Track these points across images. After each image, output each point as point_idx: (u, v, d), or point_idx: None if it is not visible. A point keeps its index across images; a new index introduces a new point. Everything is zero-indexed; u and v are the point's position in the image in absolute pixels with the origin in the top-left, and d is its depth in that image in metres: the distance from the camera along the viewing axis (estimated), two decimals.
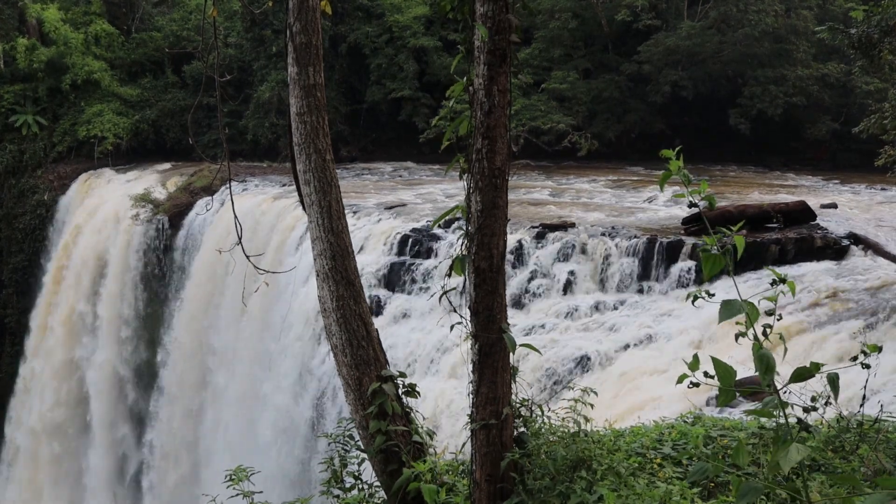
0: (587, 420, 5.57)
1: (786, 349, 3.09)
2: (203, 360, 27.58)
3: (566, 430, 5.41)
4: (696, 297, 3.21)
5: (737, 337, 3.01)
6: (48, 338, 34.20)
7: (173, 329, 30.00)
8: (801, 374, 2.82)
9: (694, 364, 3.07)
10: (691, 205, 3.25)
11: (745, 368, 4.39)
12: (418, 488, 5.53)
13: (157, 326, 31.43)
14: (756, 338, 2.89)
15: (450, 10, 5.11)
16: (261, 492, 5.98)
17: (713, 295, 3.18)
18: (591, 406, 5.60)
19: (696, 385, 3.12)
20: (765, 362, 2.78)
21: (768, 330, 3.07)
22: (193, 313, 28.55)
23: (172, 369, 29.57)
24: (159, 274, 32.01)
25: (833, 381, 2.97)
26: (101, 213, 33.96)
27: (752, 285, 15.24)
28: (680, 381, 3.16)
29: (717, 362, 2.85)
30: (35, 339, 35.26)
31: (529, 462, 5.21)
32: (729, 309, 2.86)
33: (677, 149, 3.36)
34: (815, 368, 2.79)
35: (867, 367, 4.04)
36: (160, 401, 30.10)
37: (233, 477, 5.89)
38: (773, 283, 3.22)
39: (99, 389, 32.29)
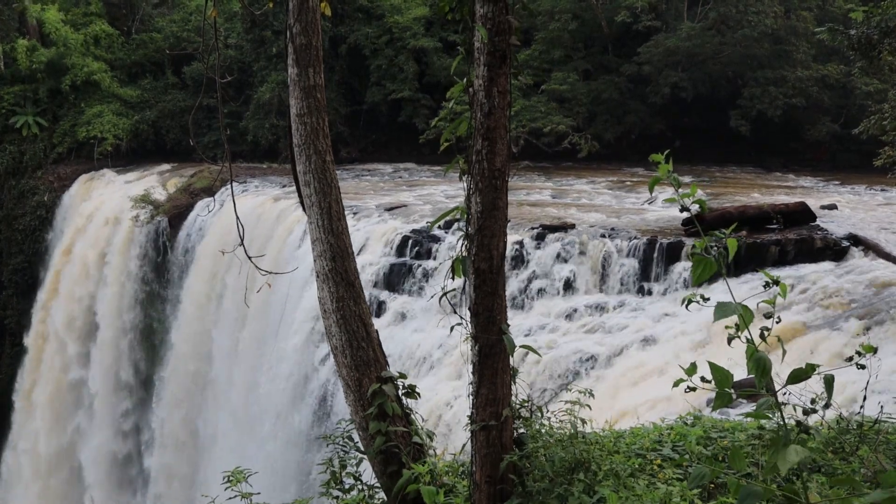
0: (584, 422, 5.56)
1: (784, 351, 3.08)
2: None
3: (564, 432, 5.41)
4: (689, 301, 3.19)
5: (729, 340, 3.00)
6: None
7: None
8: (798, 376, 2.82)
9: (691, 370, 3.06)
10: (683, 209, 3.24)
11: (744, 370, 4.38)
12: (418, 489, 5.53)
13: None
14: (750, 340, 2.88)
15: (448, 10, 5.11)
16: (258, 493, 5.98)
17: (708, 299, 3.17)
18: (589, 407, 5.60)
19: (693, 389, 3.11)
20: (760, 365, 2.78)
21: (766, 332, 3.06)
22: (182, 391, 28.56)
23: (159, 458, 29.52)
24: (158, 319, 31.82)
25: (828, 382, 2.97)
26: (78, 253, 33.74)
27: (751, 287, 15.23)
28: (676, 384, 3.16)
29: (713, 367, 2.85)
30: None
31: (529, 464, 5.21)
32: (723, 310, 2.85)
33: (666, 152, 3.36)
34: (810, 370, 2.79)
35: (862, 367, 4.04)
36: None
37: (231, 478, 5.89)
38: (766, 285, 3.20)
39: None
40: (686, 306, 3.23)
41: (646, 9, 36.89)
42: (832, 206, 22.76)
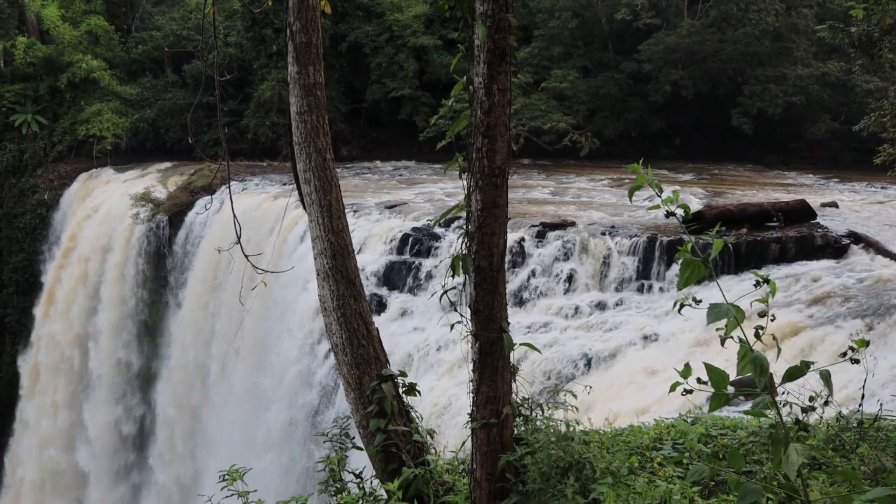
0: (578, 423, 5.56)
1: (779, 349, 3.08)
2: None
3: (562, 431, 5.40)
4: (682, 305, 3.19)
5: (722, 341, 3.00)
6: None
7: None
8: (793, 374, 2.82)
9: (686, 371, 3.07)
10: (668, 214, 3.26)
11: None
12: (419, 488, 5.54)
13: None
14: (742, 340, 2.88)
15: (447, 8, 5.11)
16: (255, 490, 5.98)
17: (700, 301, 3.18)
18: (576, 409, 5.59)
19: (690, 392, 3.11)
20: (758, 364, 2.78)
21: (761, 331, 3.06)
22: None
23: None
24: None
25: (826, 377, 2.97)
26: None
27: (751, 285, 15.20)
28: (672, 388, 3.16)
29: (709, 367, 2.85)
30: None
31: (528, 461, 5.21)
32: (716, 312, 2.86)
33: (640, 160, 3.37)
34: (805, 367, 2.79)
35: (856, 361, 4.05)
36: None
37: (226, 477, 5.88)
38: (757, 284, 3.22)
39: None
40: (679, 310, 3.23)
41: (646, 6, 36.85)
42: (832, 204, 22.75)
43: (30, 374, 35.02)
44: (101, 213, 34.08)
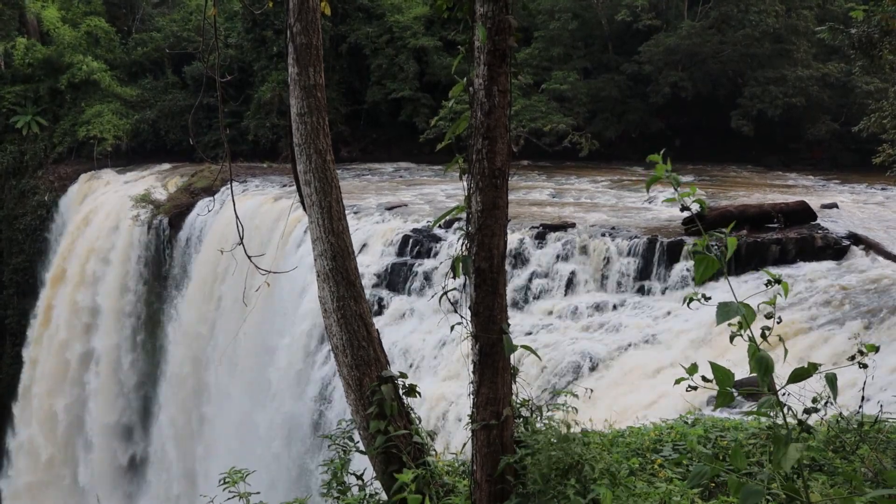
0: (577, 423, 5.55)
1: (786, 350, 3.08)
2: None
3: (562, 432, 5.40)
4: (691, 300, 3.20)
5: (731, 338, 3.00)
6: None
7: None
8: (799, 375, 2.82)
9: (692, 369, 3.07)
10: (683, 208, 3.24)
11: (745, 369, 4.37)
12: (419, 489, 5.53)
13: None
14: (751, 339, 2.88)
15: (445, 9, 5.10)
16: (258, 492, 5.97)
17: (709, 298, 3.18)
18: (575, 411, 5.59)
19: (694, 388, 3.12)
20: (763, 364, 2.78)
21: (767, 331, 3.06)
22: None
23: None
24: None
25: (831, 381, 2.97)
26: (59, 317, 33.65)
27: (752, 286, 15.24)
28: (677, 383, 3.16)
29: (714, 366, 2.85)
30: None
31: (528, 463, 5.21)
32: (725, 311, 2.85)
33: (662, 151, 3.36)
34: (812, 369, 2.79)
35: (864, 366, 4.05)
36: None
37: (227, 480, 5.87)
38: (768, 283, 3.21)
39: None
40: (688, 305, 3.23)
41: (646, 7, 36.86)
42: (833, 205, 22.74)
43: (29, 374, 34.83)
44: (101, 214, 34.02)
